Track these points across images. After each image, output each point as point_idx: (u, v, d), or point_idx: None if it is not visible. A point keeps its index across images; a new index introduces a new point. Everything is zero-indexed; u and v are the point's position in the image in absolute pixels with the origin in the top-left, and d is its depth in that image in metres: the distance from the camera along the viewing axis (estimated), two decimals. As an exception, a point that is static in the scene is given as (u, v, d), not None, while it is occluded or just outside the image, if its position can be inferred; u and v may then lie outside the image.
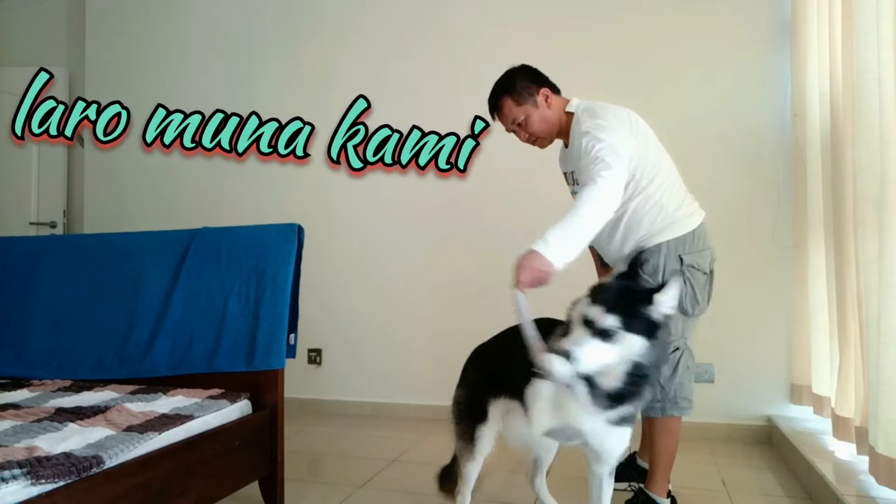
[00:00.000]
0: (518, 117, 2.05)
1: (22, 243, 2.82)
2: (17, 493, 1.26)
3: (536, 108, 2.04)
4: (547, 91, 2.05)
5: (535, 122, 2.04)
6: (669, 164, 2.03)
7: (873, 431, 1.86)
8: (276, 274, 2.20)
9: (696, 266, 1.94)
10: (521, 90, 2.03)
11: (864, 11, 1.90)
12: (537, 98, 2.04)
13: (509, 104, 2.05)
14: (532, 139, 2.10)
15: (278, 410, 2.14)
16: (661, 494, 2.04)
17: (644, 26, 3.29)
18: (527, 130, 2.07)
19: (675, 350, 1.95)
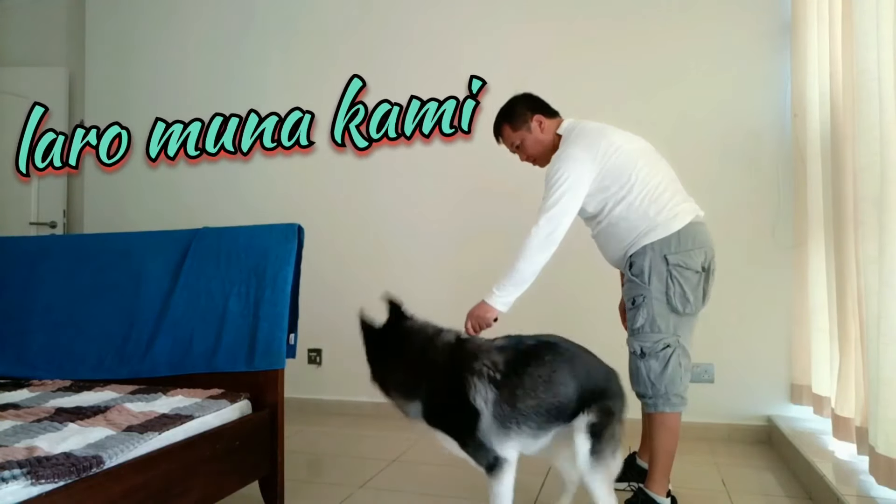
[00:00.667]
0: (515, 141, 2.29)
1: (22, 243, 2.82)
2: (17, 493, 1.26)
3: (530, 133, 2.25)
4: (540, 117, 2.25)
5: (529, 145, 2.27)
6: (653, 171, 2.10)
7: (873, 431, 1.86)
8: (276, 274, 2.20)
9: (684, 265, 2.02)
10: (517, 117, 2.26)
11: (864, 11, 1.90)
12: (531, 124, 2.25)
13: (507, 130, 2.29)
14: (530, 159, 2.32)
15: (278, 410, 2.14)
16: (661, 493, 2.04)
17: (644, 27, 3.29)
18: (523, 152, 2.31)
19: (666, 347, 2.01)
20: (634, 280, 2.05)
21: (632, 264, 2.07)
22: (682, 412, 2.05)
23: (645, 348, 2.03)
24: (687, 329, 2.08)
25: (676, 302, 2.01)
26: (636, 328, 2.05)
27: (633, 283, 2.06)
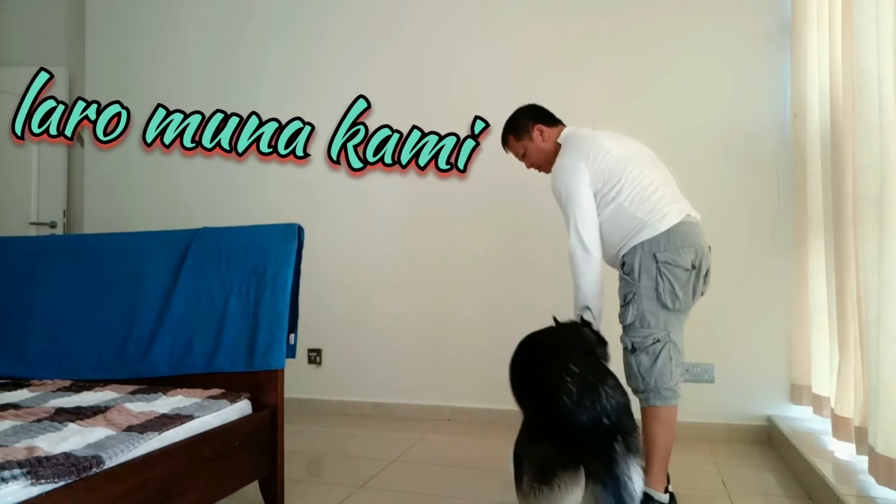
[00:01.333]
0: (519, 150, 2.42)
1: (22, 243, 2.82)
2: (17, 493, 1.26)
3: (532, 143, 2.37)
4: (541, 126, 2.36)
5: (531, 153, 2.39)
6: (643, 173, 2.16)
7: (873, 431, 1.86)
8: (276, 274, 2.20)
9: (673, 262, 2.06)
10: (520, 128, 2.39)
11: (864, 11, 1.90)
12: (533, 133, 2.36)
13: (511, 140, 2.42)
14: (534, 166, 2.44)
15: (278, 410, 2.14)
16: (658, 489, 2.05)
17: (644, 27, 3.29)
18: (527, 160, 2.43)
19: (656, 342, 2.06)
20: (625, 278, 2.13)
21: (623, 263, 2.14)
22: (676, 406, 2.08)
23: (635, 343, 2.08)
24: (678, 325, 2.11)
25: (666, 298, 2.05)
26: (627, 324, 2.11)
27: (625, 280, 2.13)
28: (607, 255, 2.23)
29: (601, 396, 1.58)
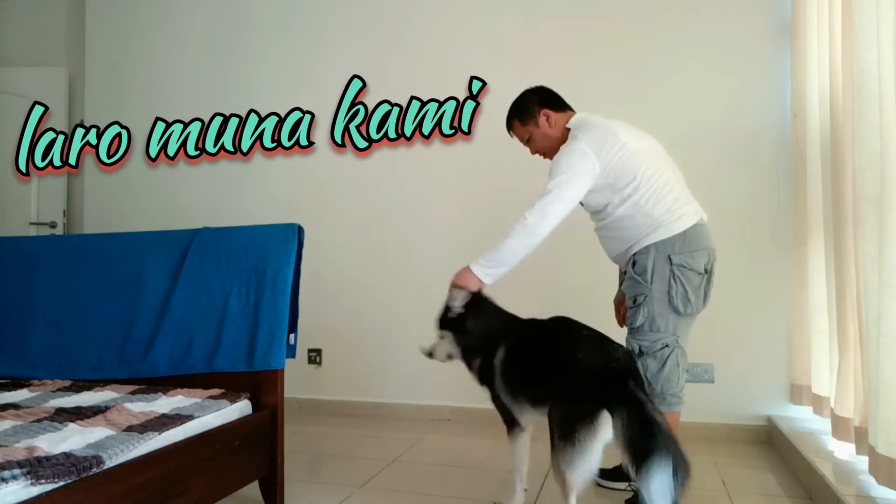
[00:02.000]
0: (524, 136, 2.31)
1: (22, 243, 2.82)
2: (17, 493, 1.26)
3: (538, 128, 2.26)
4: (548, 111, 2.25)
5: (536, 139, 2.29)
6: (660, 170, 2.10)
7: (873, 431, 1.86)
8: (276, 274, 2.20)
9: (687, 266, 2.04)
10: (526, 112, 2.28)
11: (864, 11, 1.90)
12: (538, 118, 2.26)
13: (517, 124, 2.31)
14: (539, 153, 2.34)
15: (278, 410, 2.14)
16: None
17: (644, 27, 3.29)
18: (532, 146, 2.33)
19: (665, 347, 2.04)
20: (636, 278, 2.06)
21: (635, 262, 2.08)
22: (680, 412, 2.06)
23: (643, 347, 2.04)
24: (686, 330, 2.10)
25: (678, 302, 2.02)
26: (636, 327, 2.06)
27: (635, 281, 2.07)
28: (614, 252, 2.19)
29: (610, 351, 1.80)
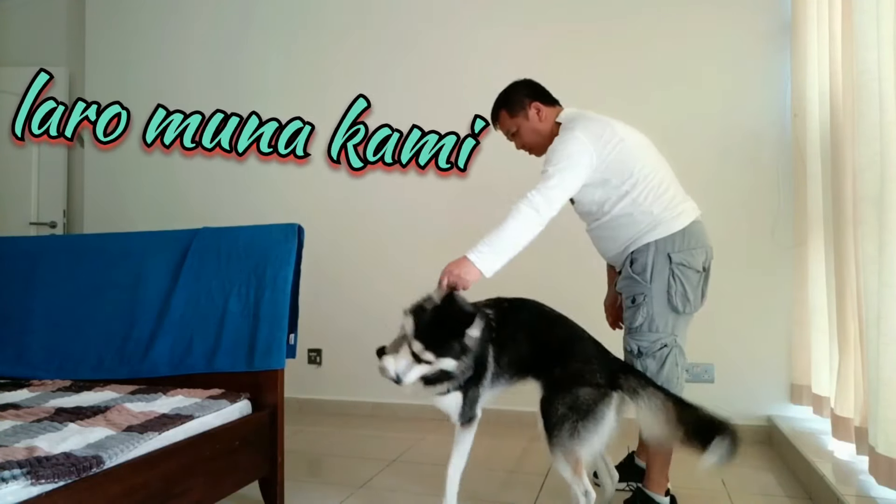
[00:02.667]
0: (511, 128, 2.22)
1: (22, 243, 2.82)
2: (17, 493, 1.26)
3: (527, 121, 2.18)
4: (538, 105, 2.18)
5: (525, 132, 2.20)
6: (656, 167, 2.08)
7: (873, 431, 1.86)
8: (276, 274, 2.20)
9: (687, 264, 2.00)
10: (515, 103, 2.19)
11: (864, 11, 1.90)
12: (528, 111, 2.18)
13: (504, 116, 2.22)
14: (525, 147, 2.25)
15: (278, 410, 2.14)
16: (660, 492, 2.05)
17: (644, 27, 3.29)
18: (520, 140, 2.24)
19: (664, 347, 2.00)
20: (635, 277, 2.02)
21: (633, 261, 2.03)
22: None
23: (642, 347, 2.01)
24: (684, 329, 2.07)
25: (677, 301, 1.99)
26: (634, 327, 2.03)
27: (634, 280, 2.03)
28: (611, 252, 2.15)
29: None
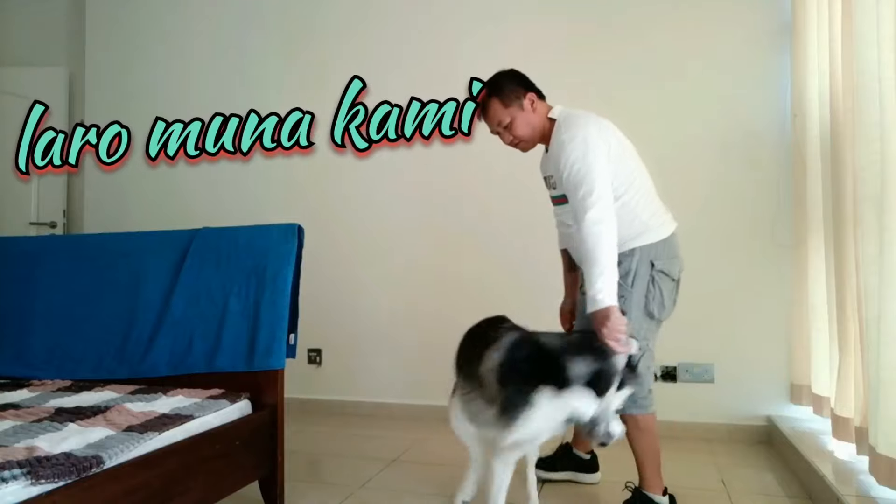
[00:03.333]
0: (504, 120, 2.09)
1: (22, 243, 2.82)
2: (17, 493, 1.26)
3: (522, 112, 2.08)
4: (533, 96, 2.10)
5: (519, 125, 2.09)
6: (644, 174, 2.10)
7: (873, 431, 1.86)
8: (276, 274, 2.20)
9: (666, 272, 2.04)
10: (509, 93, 2.08)
11: (864, 11, 1.90)
12: (524, 102, 2.08)
13: (496, 106, 2.09)
14: (515, 142, 2.14)
15: (278, 410, 2.14)
16: (658, 492, 2.06)
17: (643, 26, 3.29)
18: (511, 133, 2.11)
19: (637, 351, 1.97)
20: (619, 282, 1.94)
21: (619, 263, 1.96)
22: (654, 413, 2.07)
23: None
24: (655, 335, 2.09)
25: (653, 307, 2.02)
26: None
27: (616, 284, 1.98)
28: None
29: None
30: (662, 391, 3.02)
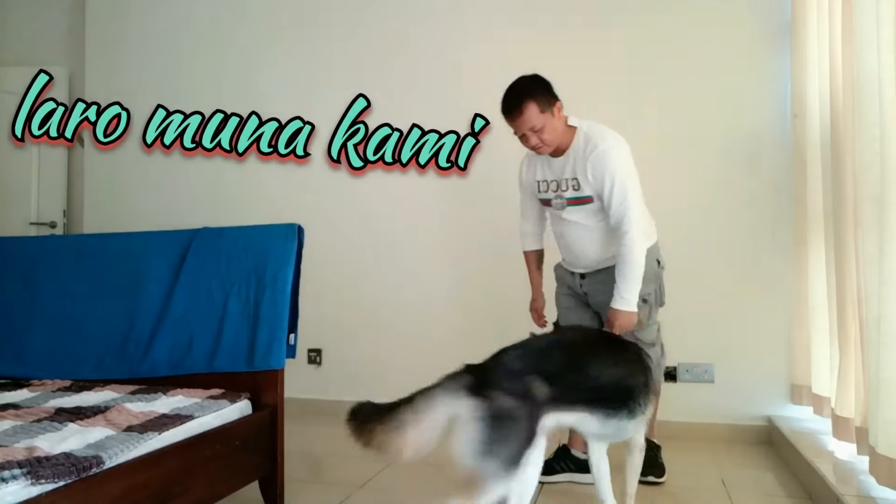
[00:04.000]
0: (538, 124, 2.16)
1: (22, 243, 2.82)
2: (17, 493, 1.26)
3: (553, 118, 2.19)
4: (560, 105, 2.23)
5: (549, 130, 2.19)
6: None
7: (873, 431, 1.86)
8: (275, 274, 2.20)
9: (664, 268, 2.41)
10: (544, 99, 2.17)
11: (864, 11, 1.90)
12: (554, 109, 2.20)
13: (532, 109, 2.15)
14: (540, 145, 2.22)
15: (278, 410, 2.14)
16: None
17: (644, 27, 3.29)
18: (540, 137, 2.19)
19: (658, 332, 2.40)
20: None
21: None
22: None
23: (652, 338, 2.34)
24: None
25: (663, 298, 2.41)
26: (645, 322, 2.31)
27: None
28: (595, 255, 2.32)
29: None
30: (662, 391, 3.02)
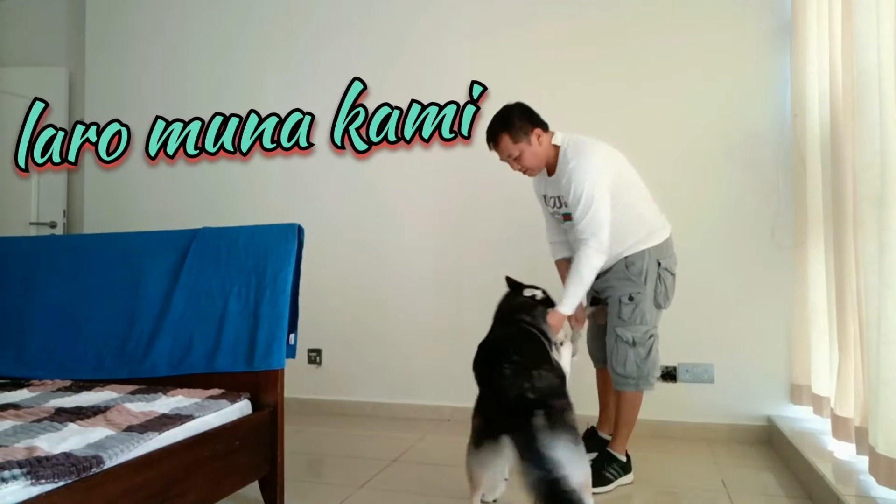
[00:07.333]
0: (513, 153, 2.32)
1: (22, 243, 2.82)
2: (17, 493, 1.26)
3: (529, 146, 2.30)
4: (539, 131, 2.32)
5: (527, 157, 2.32)
6: (639, 181, 2.41)
7: (873, 431, 1.86)
8: (276, 274, 2.20)
9: (669, 269, 2.40)
10: (518, 129, 2.29)
11: (864, 11, 1.89)
12: (531, 137, 2.30)
13: (506, 140, 2.30)
14: (523, 170, 2.39)
15: (278, 410, 2.14)
16: (621, 453, 2.42)
17: (644, 26, 3.29)
18: (520, 164, 2.35)
19: (651, 337, 2.37)
20: (633, 279, 2.36)
21: (630, 265, 2.36)
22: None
23: (636, 338, 2.35)
24: (659, 322, 2.44)
25: (661, 300, 2.39)
26: (627, 319, 2.36)
27: (631, 281, 2.36)
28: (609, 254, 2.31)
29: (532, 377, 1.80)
30: (662, 391, 3.03)
